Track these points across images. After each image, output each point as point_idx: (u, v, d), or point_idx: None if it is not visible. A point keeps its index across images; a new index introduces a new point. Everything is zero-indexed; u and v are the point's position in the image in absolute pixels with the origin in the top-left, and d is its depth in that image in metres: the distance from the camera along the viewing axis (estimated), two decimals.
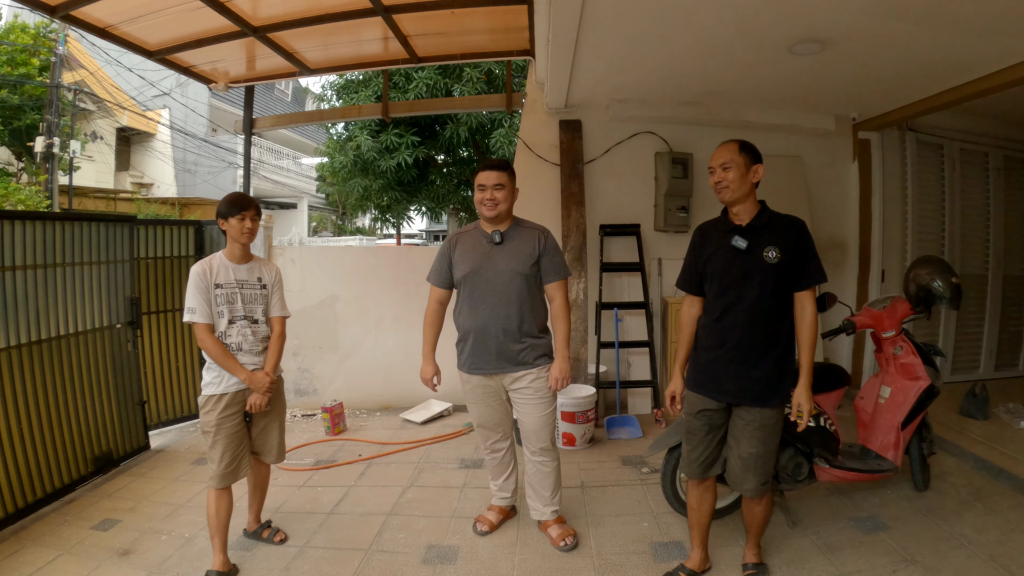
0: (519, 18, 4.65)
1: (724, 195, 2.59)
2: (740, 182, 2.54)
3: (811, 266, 2.52)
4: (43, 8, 4.10)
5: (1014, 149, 6.29)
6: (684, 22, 3.57)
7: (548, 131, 5.49)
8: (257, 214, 3.03)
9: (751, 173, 2.56)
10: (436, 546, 3.19)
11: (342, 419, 5.18)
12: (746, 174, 2.55)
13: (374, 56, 5.64)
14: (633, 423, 4.92)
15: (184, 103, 16.94)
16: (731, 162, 2.55)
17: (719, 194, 2.61)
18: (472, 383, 3.14)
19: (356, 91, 10.16)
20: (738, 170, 2.54)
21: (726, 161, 2.56)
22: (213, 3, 4.15)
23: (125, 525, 3.50)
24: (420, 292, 5.47)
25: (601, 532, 3.29)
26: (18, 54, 13.21)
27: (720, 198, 2.63)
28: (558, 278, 3.10)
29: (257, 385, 2.96)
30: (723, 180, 2.56)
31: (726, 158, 2.57)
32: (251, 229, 2.98)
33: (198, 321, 2.89)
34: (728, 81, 4.72)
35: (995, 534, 3.10)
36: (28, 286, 3.73)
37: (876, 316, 3.69)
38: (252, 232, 2.99)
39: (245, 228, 2.96)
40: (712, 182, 2.63)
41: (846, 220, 5.90)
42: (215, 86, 5.95)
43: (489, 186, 3.00)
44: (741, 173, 2.54)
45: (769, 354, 2.52)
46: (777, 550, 3.02)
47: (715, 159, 2.62)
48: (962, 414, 4.90)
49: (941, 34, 3.56)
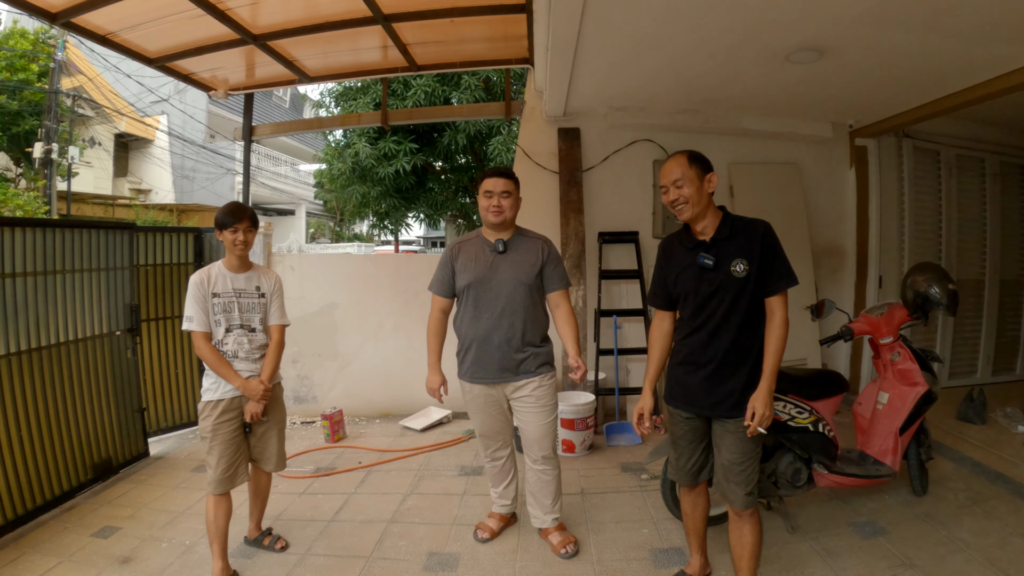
0: (518, 27, 4.67)
1: (684, 214, 2.45)
2: (697, 196, 2.41)
3: (778, 270, 2.38)
4: (44, 15, 4.10)
5: (1010, 155, 6.33)
6: (682, 31, 3.60)
7: (547, 139, 5.51)
8: (253, 225, 3.04)
9: (706, 184, 2.43)
10: (437, 553, 3.20)
11: (342, 426, 5.18)
12: (701, 186, 2.42)
13: (373, 64, 5.66)
14: (632, 430, 4.93)
15: (182, 109, 16.96)
16: (683, 177, 2.41)
17: (678, 215, 2.47)
18: (474, 392, 3.14)
19: (354, 98, 10.20)
20: (692, 184, 2.40)
21: (678, 178, 2.42)
22: (213, 11, 4.16)
23: (125, 532, 3.50)
24: (419, 300, 5.55)
25: (601, 539, 3.30)
26: (17, 60, 13.21)
27: (680, 218, 2.49)
28: (562, 287, 3.12)
29: (251, 392, 2.98)
30: (679, 198, 2.42)
31: (677, 174, 2.42)
32: (244, 241, 2.99)
33: (195, 329, 2.93)
34: (726, 89, 4.75)
35: (993, 538, 3.12)
36: (28, 293, 3.74)
37: (874, 322, 3.71)
38: (246, 243, 3.01)
39: (238, 240, 2.98)
40: (667, 201, 2.48)
41: (843, 227, 5.92)
42: (215, 93, 5.96)
43: (496, 193, 3.01)
44: (696, 187, 2.41)
45: (742, 366, 2.42)
46: (776, 556, 3.03)
47: (665, 177, 2.47)
48: (960, 419, 4.92)
49: (937, 42, 3.59)
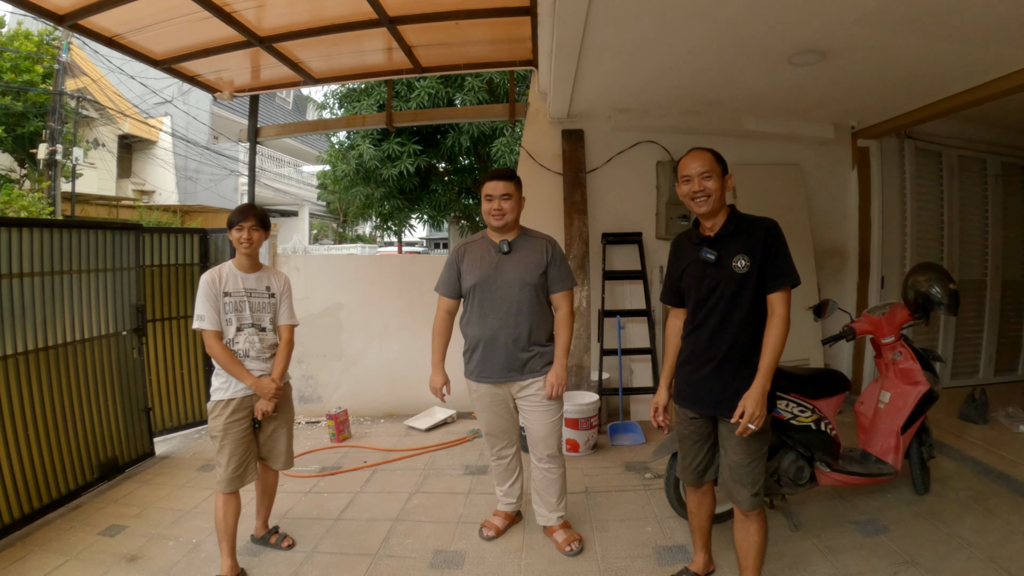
0: (522, 29, 4.70)
1: (704, 207, 2.45)
2: (720, 191, 2.44)
3: (780, 268, 2.37)
4: (51, 17, 4.14)
5: (1012, 155, 6.34)
6: (685, 34, 3.62)
7: (551, 140, 5.54)
8: (259, 224, 3.06)
9: (725, 183, 2.47)
10: (443, 551, 3.22)
11: (347, 426, 5.21)
12: (722, 184, 2.46)
13: (378, 66, 5.70)
14: (636, 429, 4.95)
15: (186, 111, 17.02)
16: (711, 171, 2.42)
17: (698, 207, 2.46)
18: (480, 391, 3.16)
19: (358, 100, 10.25)
20: (718, 179, 2.43)
21: (706, 170, 2.42)
22: (220, 13, 4.20)
23: (132, 531, 3.52)
24: (424, 300, 5.58)
25: (606, 537, 3.32)
26: (22, 61, 13.27)
27: (698, 211, 2.48)
28: (565, 288, 3.14)
29: (263, 391, 3.01)
30: (704, 190, 2.42)
31: (706, 167, 2.43)
32: (249, 239, 3.02)
33: (206, 328, 2.95)
34: (728, 91, 4.77)
35: (995, 536, 3.13)
36: (35, 293, 3.77)
37: (875, 322, 3.73)
38: (251, 242, 3.03)
39: (243, 238, 3.01)
40: (689, 191, 2.46)
41: (846, 227, 5.94)
42: (220, 95, 6.00)
43: (496, 196, 3.03)
44: (720, 183, 2.44)
45: (745, 365, 2.39)
46: (779, 553, 3.05)
47: (690, 167, 2.45)
48: (962, 418, 4.93)
49: (938, 44, 3.61)
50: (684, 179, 2.49)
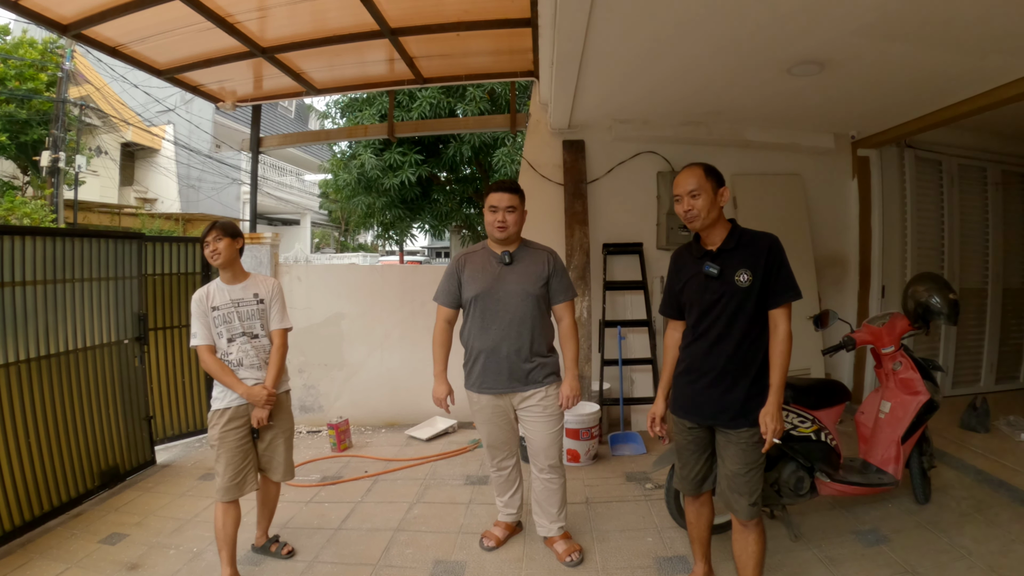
0: (523, 40, 4.73)
1: (695, 224, 2.51)
2: (709, 208, 2.47)
3: (782, 283, 2.43)
4: (55, 27, 4.18)
5: (1012, 164, 6.35)
6: (685, 46, 3.64)
7: (552, 151, 5.56)
8: (223, 233, 3.07)
9: (719, 197, 2.49)
10: (443, 561, 3.22)
11: (348, 436, 5.21)
12: (714, 199, 2.48)
13: (380, 77, 5.74)
14: (636, 439, 4.95)
15: (188, 119, 17.12)
16: (700, 188, 2.47)
17: (689, 223, 2.53)
18: (481, 402, 3.16)
19: (360, 109, 10.29)
20: (707, 196, 2.46)
21: (695, 188, 2.47)
22: (223, 24, 4.24)
23: (132, 539, 3.53)
24: (425, 311, 5.59)
25: (606, 547, 3.32)
26: (26, 68, 13.35)
27: (691, 227, 2.55)
28: (566, 299, 3.15)
29: (255, 399, 3.03)
30: (692, 208, 2.48)
31: (693, 184, 2.47)
32: (215, 250, 3.05)
33: (200, 344, 3.03)
34: (729, 102, 4.80)
35: (995, 545, 3.13)
36: (37, 301, 3.79)
37: (875, 332, 3.74)
38: (216, 253, 3.06)
39: (210, 251, 3.07)
40: (681, 211, 2.53)
41: (846, 237, 5.95)
42: (223, 105, 6.04)
43: (501, 208, 3.04)
44: (710, 199, 2.47)
45: (744, 377, 2.45)
46: (780, 564, 3.04)
47: (681, 186, 2.51)
48: (963, 427, 4.93)
49: (937, 54, 3.64)
50: (675, 198, 2.57)
